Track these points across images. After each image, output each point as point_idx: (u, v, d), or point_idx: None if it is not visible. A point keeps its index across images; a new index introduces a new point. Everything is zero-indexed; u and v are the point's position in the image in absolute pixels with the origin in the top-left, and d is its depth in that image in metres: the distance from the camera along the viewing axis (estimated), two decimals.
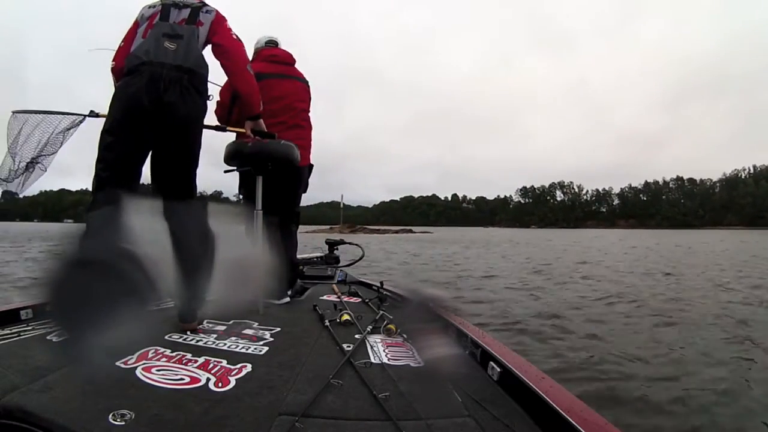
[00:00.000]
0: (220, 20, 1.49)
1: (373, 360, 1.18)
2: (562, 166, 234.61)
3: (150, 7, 1.49)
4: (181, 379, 0.99)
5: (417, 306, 1.39)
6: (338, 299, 2.01)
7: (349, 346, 1.27)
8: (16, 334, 1.28)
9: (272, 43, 2.20)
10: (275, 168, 1.84)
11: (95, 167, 1.32)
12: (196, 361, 1.10)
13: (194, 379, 0.99)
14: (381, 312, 1.65)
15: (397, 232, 45.45)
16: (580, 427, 0.72)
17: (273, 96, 2.02)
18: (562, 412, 0.77)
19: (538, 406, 0.85)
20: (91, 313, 0.91)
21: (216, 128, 1.70)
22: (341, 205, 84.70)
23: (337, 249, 3.20)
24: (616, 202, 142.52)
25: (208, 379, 0.99)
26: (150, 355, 1.12)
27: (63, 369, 0.98)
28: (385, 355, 1.23)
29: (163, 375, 1.00)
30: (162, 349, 1.17)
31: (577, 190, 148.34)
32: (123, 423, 0.77)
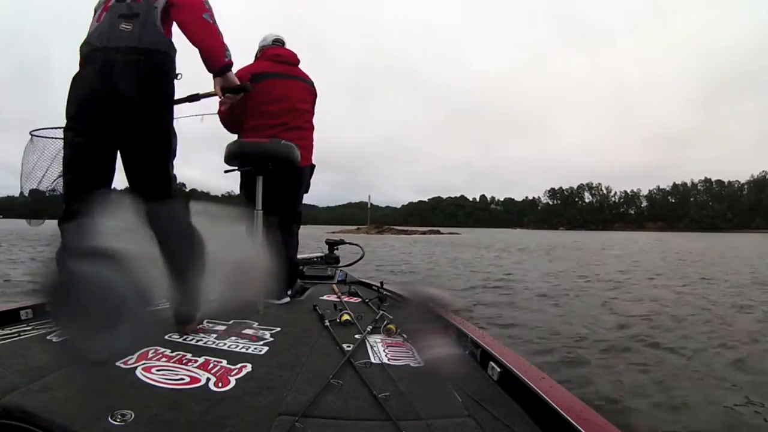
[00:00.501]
0: None
1: (373, 360, 1.18)
2: (591, 167, 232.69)
3: None
4: (181, 379, 0.99)
5: (417, 306, 1.39)
6: (338, 299, 2.01)
7: (349, 346, 1.27)
8: (16, 334, 1.28)
9: (279, 42, 2.18)
10: (276, 168, 1.84)
11: (63, 176, 1.25)
12: (196, 361, 1.10)
13: (194, 379, 0.99)
14: (381, 312, 1.65)
15: (424, 233, 45.05)
16: (580, 427, 0.72)
17: (275, 96, 2.02)
18: (562, 412, 0.78)
19: (538, 406, 0.85)
20: (91, 313, 0.91)
21: (187, 99, 1.56)
22: (368, 206, 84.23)
23: (337, 249, 3.20)
24: (644, 204, 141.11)
25: (208, 379, 0.99)
26: (150, 355, 1.12)
27: (63, 369, 0.98)
28: (385, 355, 1.23)
29: (163, 375, 1.00)
30: (162, 349, 1.17)
31: (605, 191, 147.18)
32: (123, 423, 0.77)
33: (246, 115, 2.07)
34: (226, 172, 2.01)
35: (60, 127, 1.38)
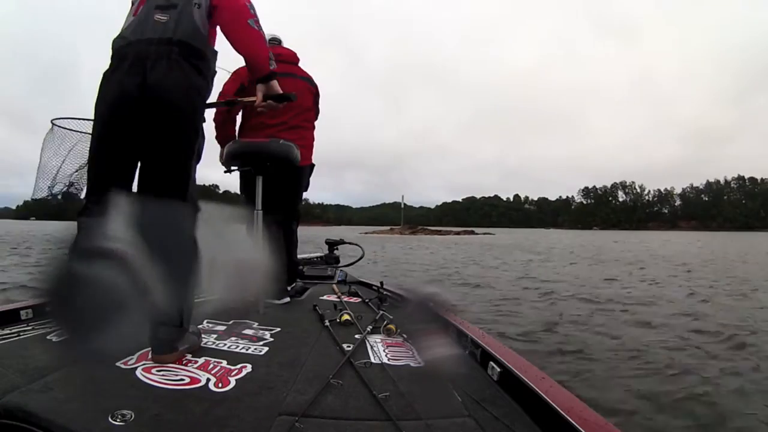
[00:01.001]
0: None
1: (373, 360, 1.18)
2: (624, 165, 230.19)
3: None
4: (181, 379, 0.99)
5: (417, 306, 1.39)
6: (338, 299, 2.01)
7: (349, 346, 1.27)
8: (16, 334, 1.28)
9: (275, 41, 2.18)
10: (275, 168, 1.84)
11: (87, 170, 1.20)
12: (196, 362, 1.10)
13: (194, 380, 0.99)
14: (381, 312, 1.65)
15: (458, 233, 44.36)
16: (580, 427, 0.72)
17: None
18: (562, 412, 0.77)
19: (538, 406, 0.85)
20: (91, 313, 0.91)
21: (225, 104, 1.56)
22: (402, 206, 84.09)
23: (337, 249, 3.21)
24: (677, 202, 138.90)
25: (208, 380, 1.00)
26: (150, 355, 1.12)
27: (63, 369, 0.98)
28: (385, 355, 1.23)
29: (163, 375, 1.00)
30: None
31: (639, 190, 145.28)
32: (123, 423, 0.77)
33: (246, 116, 2.08)
34: (225, 172, 2.01)
35: (82, 119, 1.33)
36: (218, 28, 1.28)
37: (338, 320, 1.55)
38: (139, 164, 1.20)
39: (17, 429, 0.76)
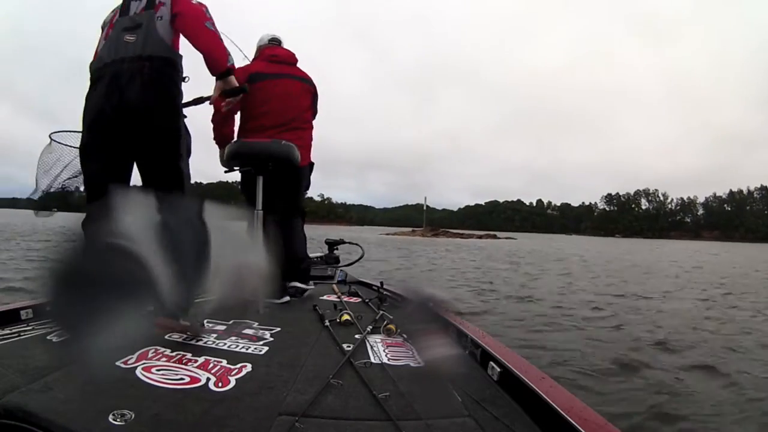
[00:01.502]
0: None
1: (373, 360, 1.18)
2: (648, 172, 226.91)
3: (111, 10, 1.44)
4: (181, 378, 0.99)
5: (417, 306, 1.39)
6: (338, 299, 2.01)
7: (349, 346, 1.27)
8: (16, 334, 1.28)
9: (275, 41, 2.19)
10: (276, 168, 1.85)
11: (84, 183, 1.33)
12: (196, 361, 1.10)
13: (194, 379, 0.99)
14: (381, 312, 1.65)
15: (480, 237, 43.58)
16: (580, 427, 0.72)
17: (272, 96, 2.02)
18: (562, 412, 0.77)
19: (538, 406, 0.85)
20: (91, 312, 0.91)
21: (194, 102, 1.61)
22: (424, 208, 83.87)
23: (337, 249, 3.21)
24: (700, 212, 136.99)
25: (208, 379, 1.00)
26: (150, 355, 1.12)
27: (63, 369, 0.98)
28: (385, 355, 1.23)
29: (163, 375, 1.00)
30: (162, 349, 1.17)
31: (662, 198, 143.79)
32: (123, 423, 0.77)
33: (244, 117, 2.08)
34: (226, 172, 2.02)
35: (80, 131, 1.43)
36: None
37: (338, 320, 1.55)
38: (135, 171, 1.35)
39: (17, 429, 0.76)
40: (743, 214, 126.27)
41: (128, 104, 1.26)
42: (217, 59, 1.44)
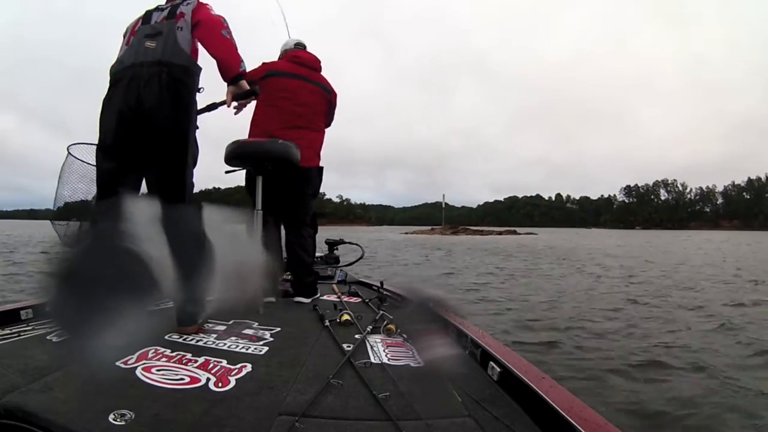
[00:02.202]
0: (200, 5, 1.47)
1: (373, 360, 1.18)
2: (666, 162, 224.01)
3: (134, 19, 1.50)
4: (181, 379, 0.99)
5: (417, 306, 1.39)
6: (338, 299, 2.01)
7: (349, 346, 1.27)
8: (16, 334, 1.28)
9: (300, 46, 2.24)
10: (275, 168, 1.85)
11: (96, 184, 1.35)
12: (196, 361, 1.10)
13: (194, 379, 0.99)
14: (381, 312, 1.65)
15: (500, 233, 43.21)
16: (580, 427, 0.72)
17: (284, 94, 2.05)
18: (562, 412, 0.77)
19: (538, 406, 0.85)
20: (91, 312, 0.91)
21: (207, 109, 1.63)
22: (443, 205, 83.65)
23: (336, 249, 3.21)
24: (719, 201, 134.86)
25: (208, 379, 1.00)
26: (150, 355, 1.12)
27: (63, 369, 0.98)
28: (385, 355, 1.23)
29: (163, 375, 1.00)
30: (162, 349, 1.17)
31: (680, 188, 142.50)
32: (123, 423, 0.77)
33: (256, 111, 2.09)
34: (227, 172, 2.02)
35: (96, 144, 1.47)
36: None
37: (338, 320, 1.56)
38: (143, 176, 1.38)
39: (17, 429, 0.76)
40: (762, 202, 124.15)
41: (144, 106, 1.29)
42: (230, 65, 1.49)
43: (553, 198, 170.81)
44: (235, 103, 1.63)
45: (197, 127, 1.46)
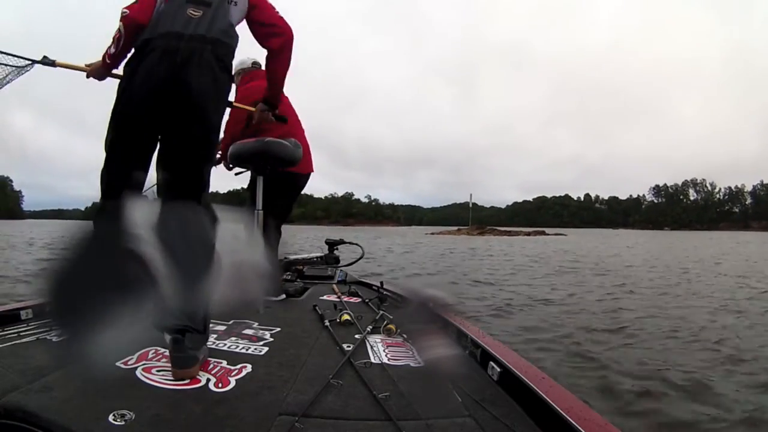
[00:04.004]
0: None
1: (373, 360, 1.18)
2: (696, 160, 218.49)
3: None
4: (181, 379, 0.99)
5: (417, 306, 1.39)
6: (338, 299, 2.01)
7: (349, 346, 1.27)
8: (16, 334, 1.28)
9: (257, 65, 2.27)
10: (275, 168, 1.86)
11: (104, 167, 1.15)
12: None
13: (194, 380, 0.99)
14: (381, 312, 1.65)
15: (529, 234, 41.46)
16: (579, 427, 0.72)
17: (284, 107, 2.10)
18: (562, 412, 0.78)
19: (538, 406, 0.85)
20: (91, 312, 0.91)
21: (230, 104, 1.64)
22: (470, 205, 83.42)
23: (337, 249, 3.21)
24: (748, 201, 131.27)
25: (208, 380, 1.00)
26: (150, 356, 1.12)
27: (63, 369, 0.98)
28: (385, 355, 1.23)
29: (163, 375, 1.00)
30: (162, 350, 1.16)
31: (709, 188, 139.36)
32: (123, 423, 0.77)
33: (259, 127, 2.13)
34: (236, 174, 2.07)
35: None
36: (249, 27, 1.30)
37: (338, 320, 1.55)
38: (154, 163, 1.18)
39: (17, 429, 0.76)
40: None
41: (181, 86, 1.08)
42: (281, 88, 1.43)
43: (582, 198, 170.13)
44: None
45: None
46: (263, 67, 2.23)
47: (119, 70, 1.29)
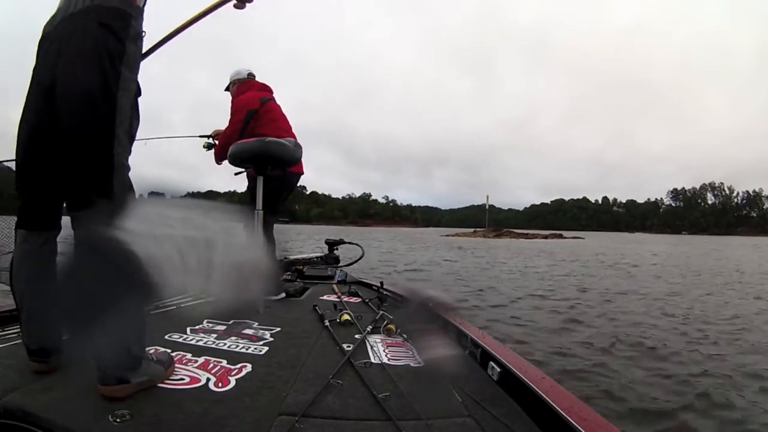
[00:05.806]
0: None
1: (373, 360, 1.18)
2: (715, 163, 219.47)
3: None
4: (181, 379, 0.99)
5: (417, 306, 1.39)
6: (338, 299, 2.01)
7: (349, 346, 1.27)
8: (16, 334, 1.28)
9: (252, 76, 2.37)
10: (275, 168, 1.87)
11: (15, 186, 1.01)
12: (196, 361, 1.10)
13: (194, 379, 0.99)
14: (381, 312, 1.65)
15: (546, 237, 40.62)
16: (579, 427, 0.72)
17: (276, 115, 2.24)
18: (562, 412, 0.78)
19: (538, 406, 0.85)
20: (91, 312, 0.91)
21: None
22: (486, 207, 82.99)
23: (337, 249, 3.21)
24: (766, 205, 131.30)
25: (208, 379, 0.99)
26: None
27: (63, 369, 0.98)
28: (385, 355, 1.23)
29: None
30: (162, 350, 1.16)
31: (727, 191, 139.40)
32: (123, 423, 0.77)
33: (255, 132, 2.17)
34: (236, 174, 2.08)
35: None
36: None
37: (338, 320, 1.55)
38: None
39: (17, 429, 0.76)
40: None
41: (60, 72, 0.91)
42: None
43: (600, 201, 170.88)
44: None
45: (140, 93, 1.00)
46: (257, 78, 2.35)
47: None
